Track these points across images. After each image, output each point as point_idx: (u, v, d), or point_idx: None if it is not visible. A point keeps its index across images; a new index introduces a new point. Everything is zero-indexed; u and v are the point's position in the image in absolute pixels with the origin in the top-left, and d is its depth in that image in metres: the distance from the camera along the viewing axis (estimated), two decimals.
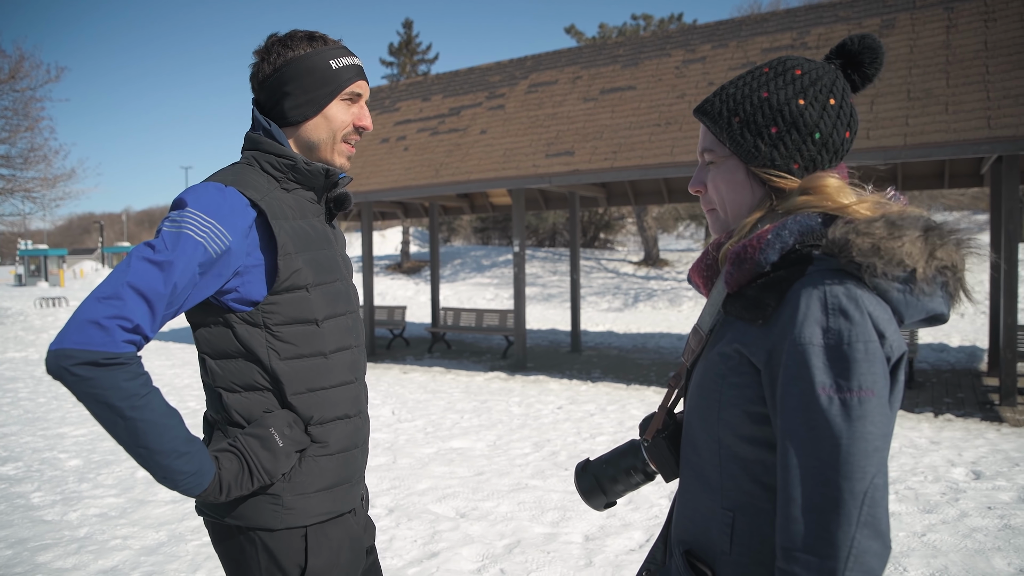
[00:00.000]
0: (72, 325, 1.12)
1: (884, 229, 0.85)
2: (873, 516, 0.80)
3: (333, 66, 1.37)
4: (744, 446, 0.94)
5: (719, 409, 0.95)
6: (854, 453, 0.81)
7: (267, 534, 1.31)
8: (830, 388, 0.82)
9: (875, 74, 1.01)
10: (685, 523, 1.04)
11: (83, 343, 1.10)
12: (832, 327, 0.84)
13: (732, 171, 1.01)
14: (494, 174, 9.45)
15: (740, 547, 0.94)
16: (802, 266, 0.89)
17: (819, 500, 0.82)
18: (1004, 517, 3.92)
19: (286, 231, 1.30)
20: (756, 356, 0.91)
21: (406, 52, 32.97)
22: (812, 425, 0.83)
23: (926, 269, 0.85)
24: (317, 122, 1.38)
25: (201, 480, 1.20)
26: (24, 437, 6.17)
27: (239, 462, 1.26)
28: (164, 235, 1.20)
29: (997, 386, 7.40)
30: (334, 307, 1.39)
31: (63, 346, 1.10)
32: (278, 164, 1.36)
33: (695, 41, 9.86)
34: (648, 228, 25.78)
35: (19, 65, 16.91)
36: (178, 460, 1.17)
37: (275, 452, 1.28)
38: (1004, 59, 7.05)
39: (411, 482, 4.72)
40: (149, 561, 3.47)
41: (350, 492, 1.42)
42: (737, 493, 0.95)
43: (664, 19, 28.78)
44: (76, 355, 1.10)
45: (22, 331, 15.50)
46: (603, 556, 3.48)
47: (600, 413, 6.88)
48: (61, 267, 39.46)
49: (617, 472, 1.15)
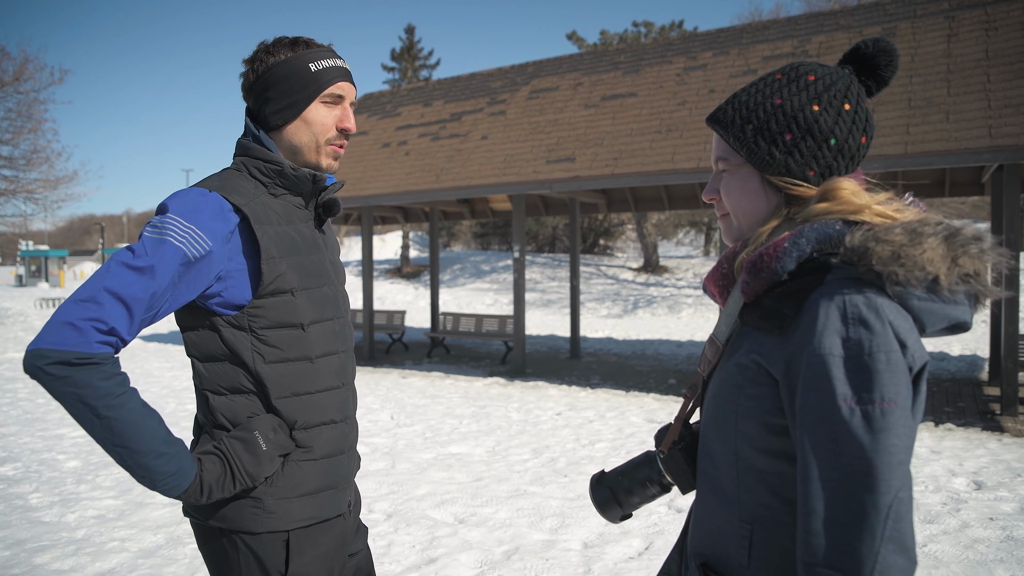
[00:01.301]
0: (48, 326, 1.15)
1: (904, 236, 0.83)
2: (898, 531, 0.78)
3: (312, 69, 1.37)
4: (762, 458, 0.92)
5: (736, 420, 0.94)
6: (878, 466, 0.78)
7: (249, 537, 1.31)
8: (852, 400, 0.80)
9: (891, 77, 0.99)
10: (702, 535, 1.02)
11: (57, 343, 1.13)
12: (852, 337, 0.82)
13: (746, 179, 1.00)
14: (495, 180, 9.46)
15: (758, 560, 0.93)
16: (820, 275, 0.87)
17: (842, 514, 0.80)
18: (1006, 528, 3.90)
19: (270, 236, 1.31)
20: (774, 367, 0.89)
21: (408, 57, 33.07)
22: (834, 438, 0.81)
23: (948, 276, 0.83)
24: (298, 125, 1.38)
25: (181, 481, 1.22)
26: (23, 438, 6.16)
27: (222, 465, 1.26)
28: (145, 240, 1.23)
29: (998, 395, 7.39)
30: (321, 312, 1.39)
31: (38, 346, 1.14)
32: (265, 169, 1.37)
33: (696, 48, 9.89)
34: (648, 235, 25.79)
35: (23, 67, 16.99)
36: (157, 460, 1.19)
37: (259, 456, 1.28)
38: (1005, 68, 7.07)
39: (409, 487, 4.70)
40: (147, 564, 3.45)
41: (336, 498, 1.41)
42: (755, 506, 0.93)
43: (665, 26, 28.87)
44: (50, 355, 1.13)
45: (22, 331, 15.50)
46: (602, 564, 3.46)
47: (599, 420, 6.86)
48: (62, 268, 39.49)
49: (633, 484, 1.14)
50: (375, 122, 12.56)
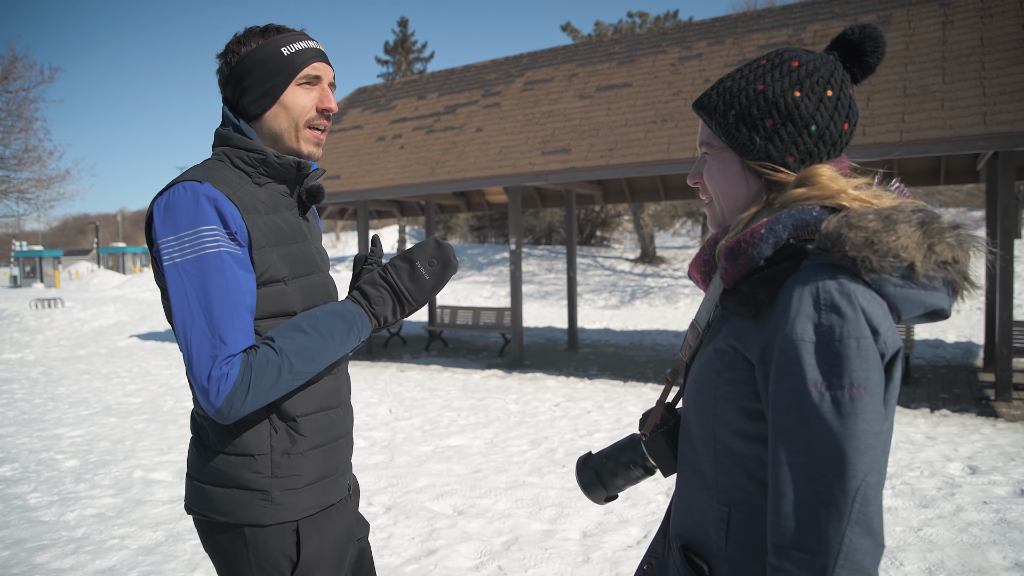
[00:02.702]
0: (195, 391, 1.24)
1: (878, 222, 0.84)
2: (865, 514, 0.80)
3: (285, 52, 1.35)
4: (739, 442, 0.93)
5: (714, 404, 0.95)
6: (846, 450, 0.80)
7: (258, 530, 1.32)
8: (821, 385, 0.82)
9: (877, 64, 1.00)
10: (682, 517, 1.04)
11: (208, 406, 1.22)
12: (824, 323, 0.83)
13: (727, 164, 1.01)
14: (490, 172, 9.44)
15: (735, 543, 0.94)
16: (796, 261, 0.88)
17: (810, 497, 0.81)
18: (1000, 511, 3.94)
19: (258, 225, 1.30)
20: (750, 351, 0.90)
21: (401, 50, 32.92)
22: (804, 422, 0.82)
23: (925, 263, 0.83)
24: (276, 111, 1.37)
25: (364, 334, 1.38)
26: (20, 438, 6.15)
27: (391, 297, 1.40)
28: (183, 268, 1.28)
29: (993, 382, 7.42)
30: (312, 300, 1.39)
31: (212, 412, 1.22)
32: (248, 159, 1.35)
33: (691, 38, 9.87)
34: (644, 225, 25.79)
35: (12, 66, 16.86)
36: (345, 346, 1.34)
37: (422, 284, 1.41)
38: (1000, 55, 7.07)
39: (409, 480, 4.72)
40: (147, 561, 3.46)
41: (337, 483, 1.43)
42: (732, 489, 0.95)
43: (660, 16, 28.78)
44: (219, 414, 1.22)
45: (18, 332, 15.46)
46: (601, 552, 3.48)
47: (597, 410, 6.88)
48: (57, 268, 39.34)
49: (617, 466, 1.16)
50: (369, 116, 12.51)
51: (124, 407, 7.47)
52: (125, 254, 48.01)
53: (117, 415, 7.06)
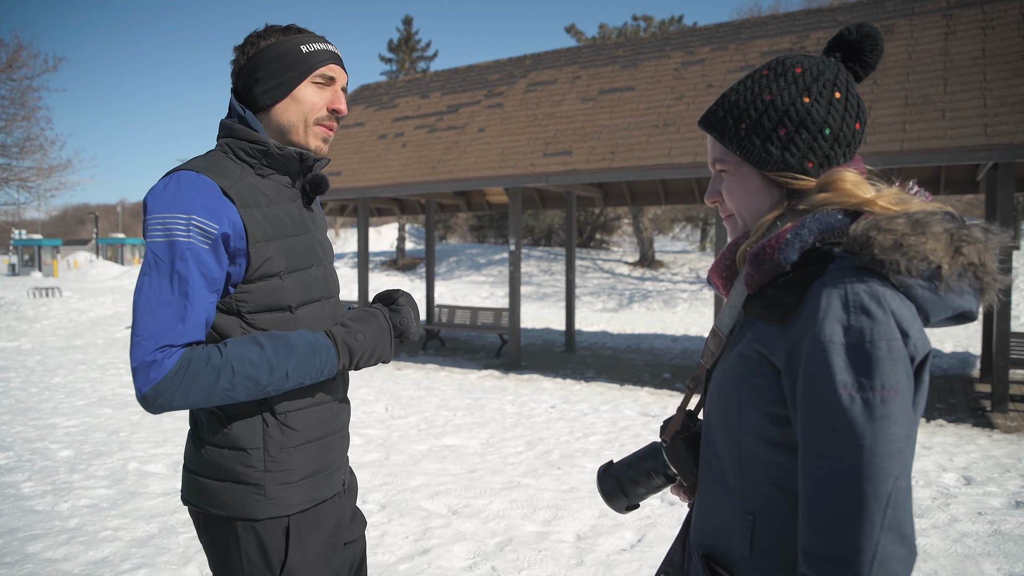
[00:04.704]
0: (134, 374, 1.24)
1: (907, 225, 0.83)
2: (897, 520, 0.78)
3: (304, 50, 1.37)
4: (764, 449, 0.92)
5: (739, 411, 0.94)
6: (877, 454, 0.78)
7: (251, 524, 1.32)
8: (852, 387, 0.80)
9: (876, 62, 1.00)
10: (704, 526, 1.02)
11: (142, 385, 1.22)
12: (854, 325, 0.81)
13: (746, 178, 0.99)
14: (491, 172, 9.44)
15: (760, 552, 0.92)
16: (823, 264, 0.87)
17: (841, 503, 0.79)
18: (994, 523, 3.94)
19: (256, 219, 1.30)
20: (776, 356, 0.89)
21: (405, 49, 32.92)
22: (834, 425, 0.80)
23: (952, 266, 0.82)
24: (287, 104, 1.38)
25: (330, 370, 1.35)
26: (15, 427, 6.14)
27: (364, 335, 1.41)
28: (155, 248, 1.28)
29: (989, 392, 7.44)
30: (309, 293, 1.39)
31: (140, 395, 1.22)
32: (251, 150, 1.36)
33: (694, 43, 9.88)
34: (644, 229, 25.81)
35: (16, 54, 16.82)
36: (303, 373, 1.31)
37: (383, 330, 1.43)
38: (1002, 67, 7.09)
39: (403, 479, 4.72)
40: (140, 553, 3.46)
41: (331, 478, 1.43)
42: (757, 496, 0.93)
43: (664, 21, 28.82)
44: (146, 397, 1.21)
45: (15, 321, 15.42)
46: (594, 555, 3.48)
47: (593, 413, 6.88)
48: (55, 257, 39.27)
49: (638, 475, 1.15)
50: (372, 113, 12.51)
51: (120, 398, 7.46)
52: (124, 245, 47.95)
53: (113, 406, 7.04)
